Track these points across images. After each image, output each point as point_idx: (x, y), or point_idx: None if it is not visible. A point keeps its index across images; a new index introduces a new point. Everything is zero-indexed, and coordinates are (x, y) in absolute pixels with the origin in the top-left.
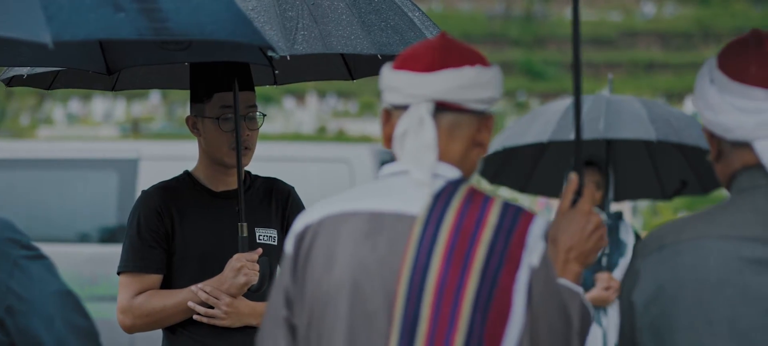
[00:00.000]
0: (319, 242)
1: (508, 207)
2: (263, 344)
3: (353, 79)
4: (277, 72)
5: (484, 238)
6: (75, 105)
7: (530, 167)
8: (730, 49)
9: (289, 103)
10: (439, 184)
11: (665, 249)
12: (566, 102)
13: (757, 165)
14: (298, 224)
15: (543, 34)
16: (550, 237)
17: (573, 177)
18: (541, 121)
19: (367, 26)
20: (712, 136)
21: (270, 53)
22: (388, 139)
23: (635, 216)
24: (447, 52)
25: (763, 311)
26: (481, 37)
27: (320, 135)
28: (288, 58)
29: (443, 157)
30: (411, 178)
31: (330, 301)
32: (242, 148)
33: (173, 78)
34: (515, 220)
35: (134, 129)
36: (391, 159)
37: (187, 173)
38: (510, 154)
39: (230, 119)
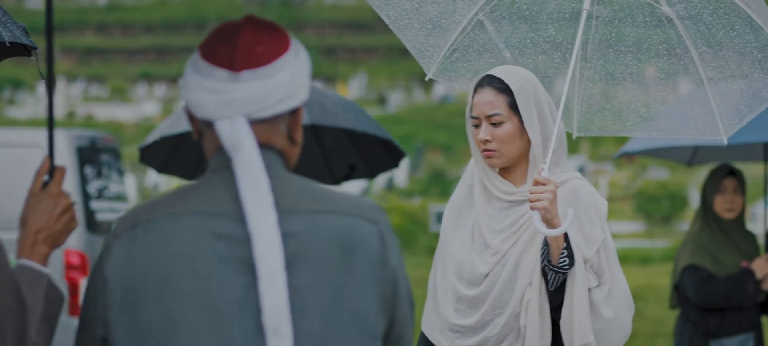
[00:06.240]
0: None
1: None
2: None
3: None
4: None
5: None
6: None
7: (199, 154)
8: (213, 32)
9: (42, 88)
10: None
11: (139, 226)
12: None
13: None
14: None
15: (300, 19)
16: (20, 219)
17: (45, 160)
18: None
19: None
20: (191, 116)
21: None
22: None
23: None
24: None
25: (230, 284)
26: None
27: (69, 120)
28: None
29: None
30: None
31: None
32: None
33: None
34: None
35: None
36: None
37: None
38: (177, 143)
39: None
